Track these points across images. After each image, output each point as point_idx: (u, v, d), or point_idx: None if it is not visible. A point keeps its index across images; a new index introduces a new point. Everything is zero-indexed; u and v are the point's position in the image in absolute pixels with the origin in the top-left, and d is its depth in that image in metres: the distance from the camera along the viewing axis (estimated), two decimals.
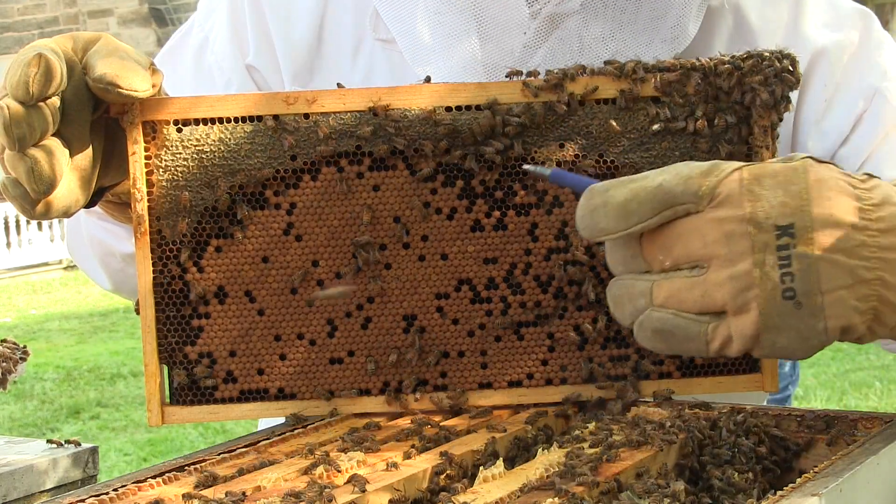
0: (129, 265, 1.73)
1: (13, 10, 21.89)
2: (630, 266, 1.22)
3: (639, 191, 1.19)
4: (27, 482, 1.92)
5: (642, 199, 1.18)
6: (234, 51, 1.73)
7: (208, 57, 1.76)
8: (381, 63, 1.67)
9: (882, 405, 7.04)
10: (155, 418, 1.40)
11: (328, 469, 1.19)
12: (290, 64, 1.70)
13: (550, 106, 1.38)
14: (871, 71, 1.66)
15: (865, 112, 1.65)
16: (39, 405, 8.53)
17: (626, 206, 1.19)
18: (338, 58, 1.70)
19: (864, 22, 1.70)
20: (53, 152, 1.27)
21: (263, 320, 1.41)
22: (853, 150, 1.63)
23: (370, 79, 1.66)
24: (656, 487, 1.11)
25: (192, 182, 1.39)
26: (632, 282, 1.21)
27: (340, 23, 1.69)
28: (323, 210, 1.40)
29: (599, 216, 1.20)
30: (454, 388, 1.42)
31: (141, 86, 1.31)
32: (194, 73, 1.75)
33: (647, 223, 1.19)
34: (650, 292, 1.20)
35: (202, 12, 1.82)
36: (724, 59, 1.37)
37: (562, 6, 1.56)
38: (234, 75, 1.73)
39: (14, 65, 1.25)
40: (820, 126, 1.64)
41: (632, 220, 1.19)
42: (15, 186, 1.28)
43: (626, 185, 1.20)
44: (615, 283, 1.23)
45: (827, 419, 1.31)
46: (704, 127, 1.38)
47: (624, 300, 1.22)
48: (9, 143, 1.25)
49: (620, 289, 1.22)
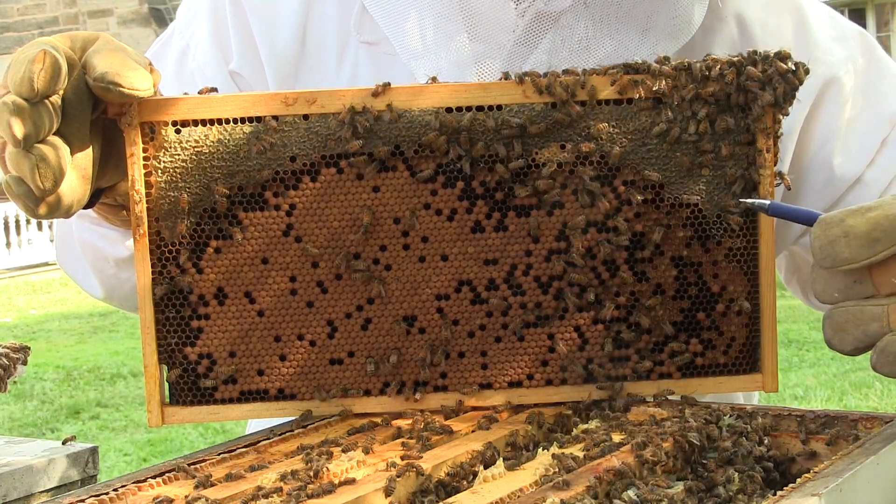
0: (122, 270, 1.73)
1: (13, 10, 21.89)
2: (852, 292, 1.25)
3: (881, 220, 1.23)
4: (27, 482, 1.92)
5: (885, 227, 1.22)
6: (216, 57, 1.73)
7: (190, 64, 1.75)
8: (366, 66, 1.66)
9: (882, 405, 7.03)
10: (155, 419, 1.40)
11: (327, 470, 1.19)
12: (274, 70, 1.69)
13: (551, 106, 1.38)
14: (892, 94, 1.69)
15: (890, 135, 1.68)
16: (39, 405, 8.52)
17: (870, 235, 1.22)
18: (322, 62, 1.69)
19: (867, 41, 1.73)
20: (58, 150, 1.26)
21: (263, 321, 1.41)
22: (880, 171, 1.67)
23: (355, 82, 1.65)
24: (656, 488, 1.11)
25: (190, 183, 1.39)
26: (859, 308, 1.24)
27: (324, 27, 1.69)
28: (323, 211, 1.40)
29: (841, 246, 1.23)
30: (454, 389, 1.42)
31: (142, 85, 1.30)
32: (176, 80, 1.73)
33: (890, 250, 1.22)
34: (886, 317, 1.23)
35: (182, 20, 1.81)
36: (725, 59, 1.37)
37: (550, 5, 1.55)
38: (217, 81, 1.72)
39: (16, 62, 1.24)
40: (846, 145, 1.67)
41: (877, 249, 1.23)
42: (18, 184, 1.27)
43: (862, 214, 1.24)
44: (837, 310, 1.26)
45: (827, 419, 1.31)
46: (706, 128, 1.38)
47: (849, 326, 1.25)
48: (13, 140, 1.24)
49: (844, 315, 1.25)
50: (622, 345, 1.42)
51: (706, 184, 1.39)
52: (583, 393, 1.42)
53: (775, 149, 1.39)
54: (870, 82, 1.69)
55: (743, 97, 1.37)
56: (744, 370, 1.44)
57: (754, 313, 1.43)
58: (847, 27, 1.73)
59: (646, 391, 1.42)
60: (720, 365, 1.43)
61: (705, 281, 1.42)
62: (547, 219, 1.40)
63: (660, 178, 1.39)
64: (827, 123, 1.67)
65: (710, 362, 1.43)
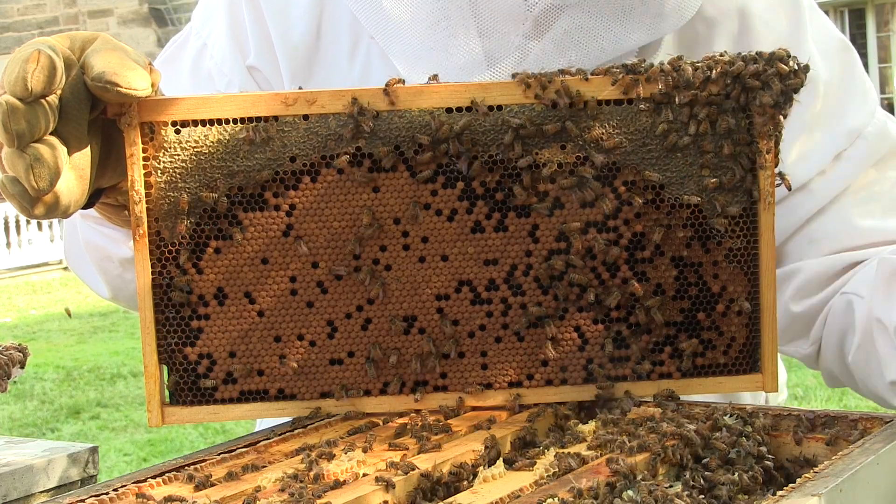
0: (126, 270, 1.73)
1: (13, 10, 21.89)
2: None
3: None
4: (27, 482, 1.92)
5: None
6: (234, 52, 1.73)
7: (207, 62, 1.76)
8: (378, 61, 1.67)
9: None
10: (155, 419, 1.40)
11: (326, 470, 1.19)
12: (288, 64, 1.70)
13: (552, 107, 1.38)
14: (858, 112, 1.69)
15: (846, 151, 1.67)
16: (39, 405, 8.53)
17: None
18: (335, 57, 1.70)
19: (849, 55, 1.73)
20: (54, 149, 1.25)
21: (263, 321, 1.41)
22: (828, 184, 1.66)
23: (367, 77, 1.66)
24: (656, 488, 1.11)
25: (190, 184, 1.38)
26: None
27: (337, 22, 1.70)
28: (323, 211, 1.40)
29: None
30: (454, 389, 1.42)
31: (140, 84, 1.30)
32: (192, 79, 1.74)
33: None
34: None
35: (198, 20, 1.82)
36: (726, 59, 1.37)
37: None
38: (234, 76, 1.73)
39: (12, 62, 1.24)
40: (803, 149, 1.66)
41: None
42: (14, 184, 1.26)
43: None
44: None
45: (827, 419, 1.31)
46: (707, 129, 1.38)
47: None
48: (7, 139, 1.23)
49: None
50: (622, 345, 1.42)
51: (707, 184, 1.39)
52: (583, 393, 1.42)
53: (776, 150, 1.39)
54: (839, 96, 1.69)
55: (744, 98, 1.37)
56: (744, 370, 1.44)
57: (754, 313, 1.43)
58: (834, 41, 1.73)
59: (646, 391, 1.42)
60: (720, 365, 1.43)
61: (705, 281, 1.42)
62: (547, 219, 1.40)
63: (660, 178, 1.39)
64: (790, 123, 1.66)
65: (710, 362, 1.43)
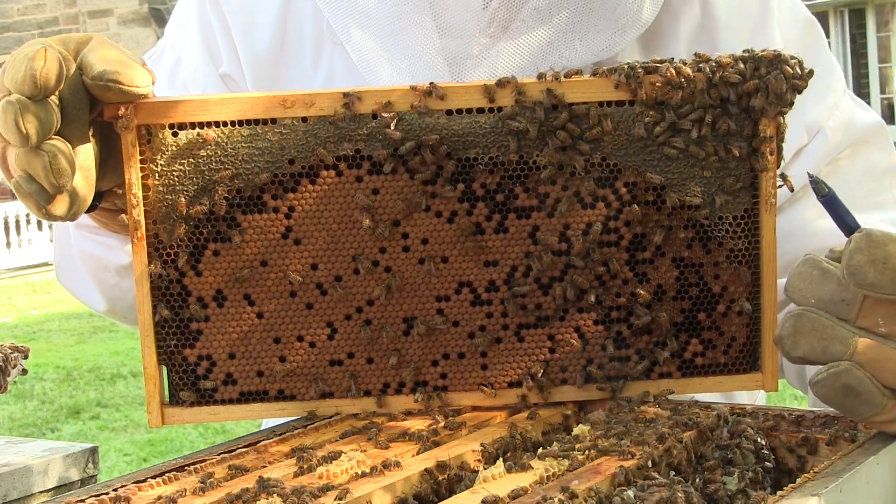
0: (124, 278, 1.72)
1: (13, 10, 21.89)
2: (834, 308, 1.20)
3: None
4: (27, 482, 1.92)
5: None
6: (207, 62, 1.74)
7: (182, 74, 1.76)
8: (341, 68, 1.67)
9: None
10: (155, 420, 1.40)
11: (326, 471, 1.19)
12: (252, 72, 1.70)
13: (552, 108, 1.38)
14: (819, 106, 1.67)
15: (807, 146, 1.67)
16: (39, 405, 8.53)
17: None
18: (299, 65, 1.70)
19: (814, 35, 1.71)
20: (67, 146, 1.24)
21: (263, 323, 1.41)
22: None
23: (331, 83, 1.67)
24: (655, 488, 1.11)
25: (188, 186, 1.38)
26: (831, 324, 1.19)
27: (300, 31, 1.70)
28: (322, 214, 1.39)
29: (873, 271, 1.17)
30: (454, 389, 1.42)
31: (142, 81, 1.29)
32: (169, 92, 1.73)
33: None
34: (853, 346, 1.18)
35: (171, 34, 1.82)
36: (728, 61, 1.37)
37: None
38: (209, 86, 1.72)
39: (14, 62, 1.23)
40: None
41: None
42: (29, 182, 1.24)
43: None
44: (807, 313, 1.21)
45: (827, 419, 1.31)
46: (708, 131, 1.38)
47: (811, 336, 1.20)
48: (20, 139, 1.21)
49: (813, 322, 1.20)
50: (623, 345, 1.42)
51: (708, 185, 1.39)
52: (583, 393, 1.42)
53: (779, 150, 1.39)
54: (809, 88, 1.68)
55: (745, 100, 1.37)
56: (744, 370, 1.44)
57: (755, 313, 1.43)
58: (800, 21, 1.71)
59: (646, 391, 1.42)
60: (720, 364, 1.43)
61: (706, 282, 1.42)
62: (547, 220, 1.40)
63: (662, 180, 1.39)
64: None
65: (711, 362, 1.43)
